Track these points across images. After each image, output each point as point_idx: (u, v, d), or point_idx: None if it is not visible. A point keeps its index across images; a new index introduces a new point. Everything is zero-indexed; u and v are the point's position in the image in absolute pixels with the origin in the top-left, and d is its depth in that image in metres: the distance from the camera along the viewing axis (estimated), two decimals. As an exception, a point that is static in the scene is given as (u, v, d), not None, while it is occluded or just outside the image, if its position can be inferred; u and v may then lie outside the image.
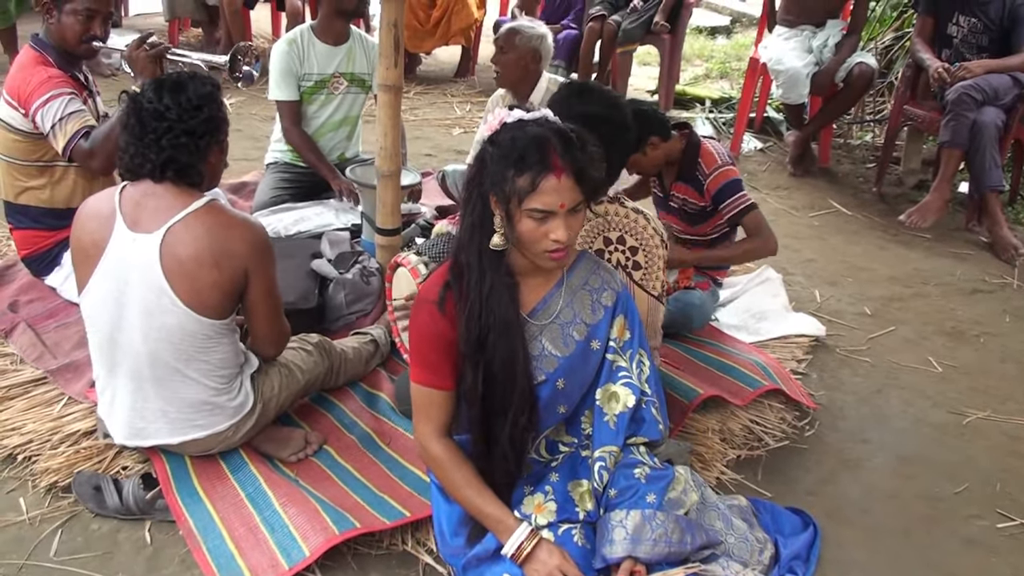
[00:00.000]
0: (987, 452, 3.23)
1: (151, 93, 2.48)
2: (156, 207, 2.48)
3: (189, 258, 2.44)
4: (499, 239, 2.13)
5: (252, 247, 2.52)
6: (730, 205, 3.41)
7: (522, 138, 2.09)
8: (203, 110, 2.50)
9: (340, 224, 4.00)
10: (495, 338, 2.15)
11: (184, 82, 2.51)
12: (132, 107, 2.49)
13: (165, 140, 2.45)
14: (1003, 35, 5.11)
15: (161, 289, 2.45)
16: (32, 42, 3.37)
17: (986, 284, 4.58)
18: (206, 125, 2.51)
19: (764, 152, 6.37)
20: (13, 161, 3.38)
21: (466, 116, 6.64)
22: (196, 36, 7.79)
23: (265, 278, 2.59)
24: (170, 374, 2.55)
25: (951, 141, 4.97)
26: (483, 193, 2.13)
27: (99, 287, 2.53)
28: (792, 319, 3.95)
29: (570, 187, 2.07)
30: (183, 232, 2.45)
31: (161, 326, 2.48)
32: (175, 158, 2.47)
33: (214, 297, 2.49)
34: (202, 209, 2.49)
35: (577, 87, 2.88)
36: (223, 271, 2.47)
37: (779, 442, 3.15)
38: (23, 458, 2.77)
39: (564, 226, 2.08)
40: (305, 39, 4.22)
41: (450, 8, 7.12)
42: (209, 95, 2.53)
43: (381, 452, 2.88)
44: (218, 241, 2.47)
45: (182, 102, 2.47)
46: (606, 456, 2.25)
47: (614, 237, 2.74)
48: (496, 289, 2.15)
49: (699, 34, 9.50)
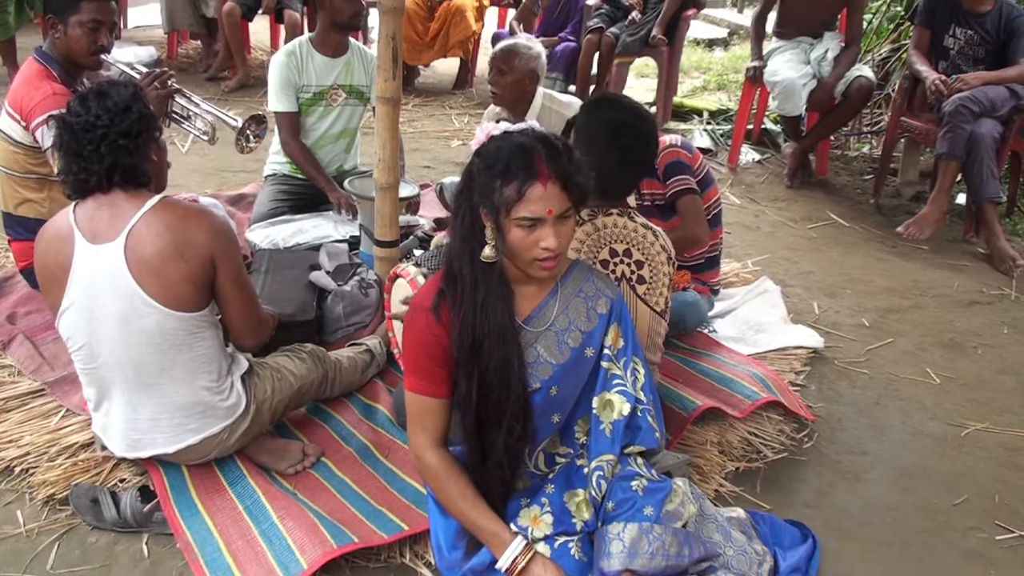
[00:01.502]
0: (985, 464, 3.23)
1: (78, 107, 2.50)
2: (112, 215, 2.48)
3: (154, 256, 2.45)
4: (490, 251, 2.14)
5: (213, 234, 2.52)
6: (673, 183, 3.44)
7: (507, 147, 2.10)
8: (132, 110, 2.51)
9: (338, 236, 4.01)
10: (489, 345, 2.15)
11: (106, 90, 2.52)
12: (62, 126, 2.50)
13: (104, 147, 2.46)
14: (999, 47, 5.14)
15: (133, 293, 2.45)
16: (36, 55, 3.38)
17: (984, 295, 4.58)
18: (139, 124, 2.52)
19: (762, 164, 6.38)
20: (12, 173, 3.38)
21: (464, 128, 6.65)
22: (195, 48, 7.80)
23: (231, 265, 2.58)
24: (157, 378, 2.54)
25: (948, 153, 4.98)
26: (472, 205, 2.14)
27: (72, 305, 2.52)
28: (790, 331, 3.95)
29: (557, 194, 2.08)
30: (144, 231, 2.46)
31: (140, 330, 2.48)
32: (118, 162, 2.48)
33: (186, 290, 2.49)
34: (158, 206, 2.50)
35: (610, 96, 2.92)
36: (190, 262, 2.47)
37: (778, 454, 3.14)
38: (20, 470, 2.76)
39: (553, 233, 2.08)
40: (304, 51, 4.23)
41: (448, 21, 7.14)
42: (133, 95, 2.55)
43: (379, 464, 2.87)
44: (178, 233, 2.47)
45: (110, 107, 2.48)
46: (604, 465, 2.25)
47: (620, 249, 2.75)
48: (490, 297, 2.16)
49: (697, 46, 9.53)
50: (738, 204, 5.56)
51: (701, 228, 3.46)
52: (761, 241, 5.03)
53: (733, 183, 5.93)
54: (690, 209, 3.43)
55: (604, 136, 2.78)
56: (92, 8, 3.30)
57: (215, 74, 7.05)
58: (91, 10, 3.30)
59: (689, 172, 3.45)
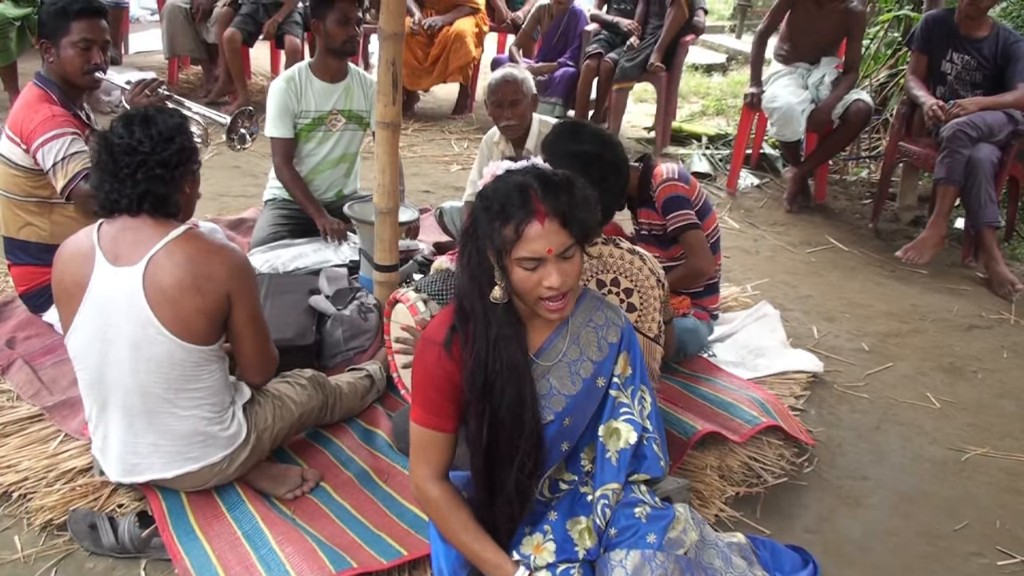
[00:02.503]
0: (986, 489, 3.22)
1: (121, 129, 2.50)
2: (135, 240, 2.49)
3: (172, 286, 2.45)
4: (499, 292, 2.13)
5: (232, 271, 2.53)
6: (673, 219, 3.44)
7: (503, 188, 2.09)
8: (175, 141, 2.52)
9: (338, 260, 4.01)
10: (502, 383, 2.14)
11: (152, 116, 2.53)
12: (103, 144, 2.51)
13: (140, 173, 2.47)
14: (997, 72, 5.16)
15: (147, 319, 2.45)
16: (36, 80, 3.40)
17: (983, 320, 4.58)
18: (179, 156, 2.53)
19: (761, 188, 6.40)
20: (13, 197, 3.39)
21: (464, 153, 6.67)
22: (196, 74, 7.83)
23: (248, 302, 2.59)
24: (161, 406, 2.54)
25: (947, 178, 4.99)
26: (479, 246, 2.13)
27: (84, 325, 2.53)
28: (790, 355, 3.95)
29: (556, 231, 2.06)
30: (165, 260, 2.46)
31: (150, 358, 2.48)
32: (151, 190, 2.49)
33: (199, 323, 2.49)
34: (182, 237, 2.51)
35: (569, 126, 2.89)
36: (206, 296, 2.48)
37: (778, 479, 3.14)
38: (18, 496, 2.75)
39: (556, 272, 2.06)
40: (303, 77, 4.25)
41: (448, 47, 7.17)
42: (179, 127, 2.56)
43: (378, 489, 2.86)
44: (199, 266, 2.48)
45: (153, 135, 2.49)
46: (609, 494, 2.24)
47: (608, 279, 2.74)
48: (503, 334, 2.14)
49: (695, 71, 9.56)
50: (737, 228, 5.57)
51: (706, 262, 3.50)
52: (760, 265, 5.04)
53: (732, 208, 5.94)
54: (695, 244, 3.46)
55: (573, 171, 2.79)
56: (82, 28, 3.33)
57: (215, 99, 7.08)
58: (81, 29, 3.33)
59: (688, 205, 3.46)
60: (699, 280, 3.60)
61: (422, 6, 7.38)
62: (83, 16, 3.33)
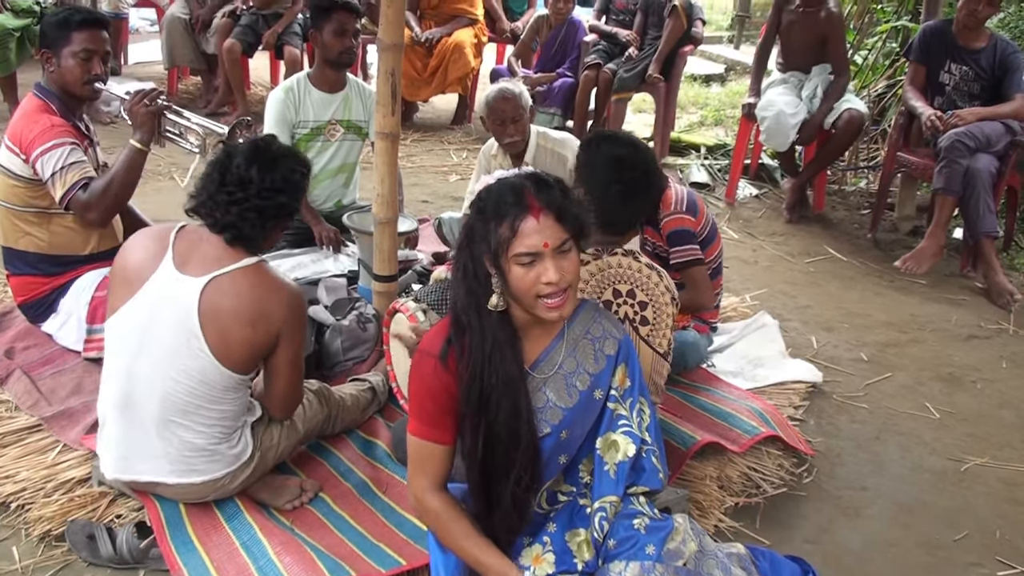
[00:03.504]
0: (986, 499, 3.21)
1: (243, 157, 2.51)
2: (207, 254, 2.52)
3: (227, 311, 2.47)
4: (497, 299, 2.13)
5: (290, 313, 2.55)
6: (677, 253, 3.44)
7: (496, 188, 2.11)
8: (281, 195, 2.53)
9: (337, 270, 4.01)
10: (498, 397, 2.13)
11: (279, 159, 2.55)
12: (223, 159, 2.52)
13: (235, 208, 2.49)
14: (994, 83, 5.17)
15: (192, 332, 2.47)
16: (35, 90, 3.41)
17: (982, 330, 4.58)
18: (278, 209, 2.56)
19: (759, 199, 6.40)
20: (12, 207, 3.39)
21: (463, 163, 6.68)
22: (195, 84, 7.84)
23: (294, 345, 2.62)
24: (178, 416, 2.54)
25: (945, 188, 5.00)
26: (473, 255, 2.13)
27: (130, 315, 2.54)
28: (789, 365, 3.95)
29: (551, 226, 2.07)
30: (227, 285, 2.48)
31: (183, 368, 2.49)
32: (237, 226, 2.51)
33: (242, 353, 2.51)
34: (251, 267, 2.53)
35: (605, 133, 2.93)
36: (257, 331, 2.50)
37: (777, 489, 3.13)
38: (16, 506, 2.75)
39: (554, 267, 2.06)
40: (301, 87, 4.26)
41: (447, 57, 7.18)
42: (294, 183, 2.57)
43: (377, 500, 2.86)
44: (259, 301, 2.49)
45: (266, 180, 2.50)
46: (606, 506, 2.23)
47: (624, 290, 2.75)
48: (498, 347, 2.14)
49: (694, 82, 9.58)
50: (736, 239, 5.57)
51: (706, 297, 3.51)
52: (759, 275, 5.04)
53: (731, 218, 5.94)
54: (697, 279, 3.47)
55: (606, 171, 2.79)
56: (83, 38, 3.34)
57: (215, 109, 7.09)
58: (82, 40, 3.33)
59: (693, 240, 3.44)
60: (696, 313, 3.61)
61: (421, 18, 7.39)
62: (85, 27, 3.34)
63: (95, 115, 6.11)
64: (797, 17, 5.81)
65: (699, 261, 3.46)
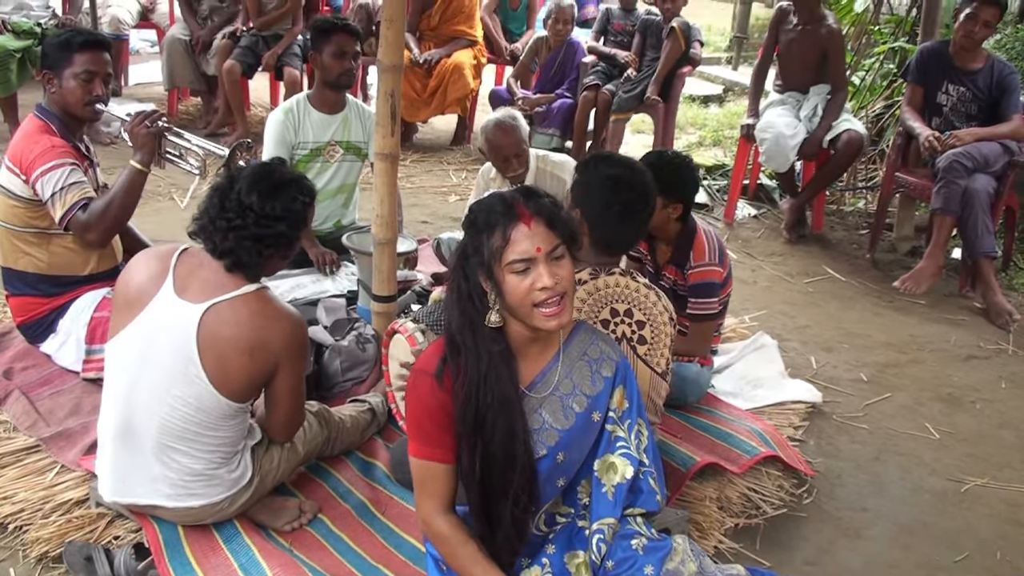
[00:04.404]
0: (986, 520, 3.21)
1: (246, 183, 2.49)
2: (207, 280, 2.51)
3: (226, 339, 2.45)
4: (495, 316, 2.14)
5: (290, 343, 2.53)
6: (697, 304, 3.49)
7: (486, 201, 2.16)
8: (281, 223, 2.51)
9: (336, 291, 4.01)
10: (493, 417, 2.13)
11: (280, 187, 2.52)
12: (225, 184, 2.51)
13: (233, 235, 2.47)
14: (992, 104, 5.19)
15: (190, 359, 2.46)
16: (36, 111, 3.42)
17: (981, 350, 4.58)
18: (276, 239, 2.53)
19: (758, 219, 6.41)
20: (12, 227, 3.39)
21: (462, 184, 6.69)
22: (195, 105, 7.86)
23: (293, 374, 2.61)
24: (176, 441, 2.53)
25: (943, 208, 5.01)
26: (467, 274, 2.15)
27: (130, 339, 2.54)
28: (788, 386, 3.95)
29: (543, 232, 2.09)
30: (227, 312, 2.47)
31: (180, 395, 2.48)
32: (235, 253, 2.49)
33: (240, 382, 2.50)
34: (251, 295, 2.51)
35: (600, 155, 2.95)
36: (255, 360, 2.48)
37: (777, 510, 3.13)
38: (14, 527, 2.74)
39: (548, 272, 2.08)
40: (301, 108, 4.28)
41: (446, 78, 7.20)
42: (295, 212, 2.55)
43: (376, 521, 2.85)
44: (258, 331, 2.48)
45: (266, 208, 2.48)
46: (604, 528, 2.22)
47: (622, 309, 2.75)
48: (494, 366, 2.14)
49: (692, 102, 9.61)
50: (735, 259, 5.56)
51: (704, 349, 3.61)
52: (758, 296, 5.04)
53: (730, 238, 5.95)
54: (704, 333, 3.55)
55: (602, 192, 2.80)
56: (85, 59, 3.35)
57: (215, 130, 7.10)
58: (84, 61, 3.34)
59: (716, 293, 3.49)
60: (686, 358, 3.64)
61: (420, 39, 7.42)
62: (87, 48, 3.35)
63: (95, 136, 6.13)
64: (796, 35, 5.83)
65: (713, 317, 3.53)
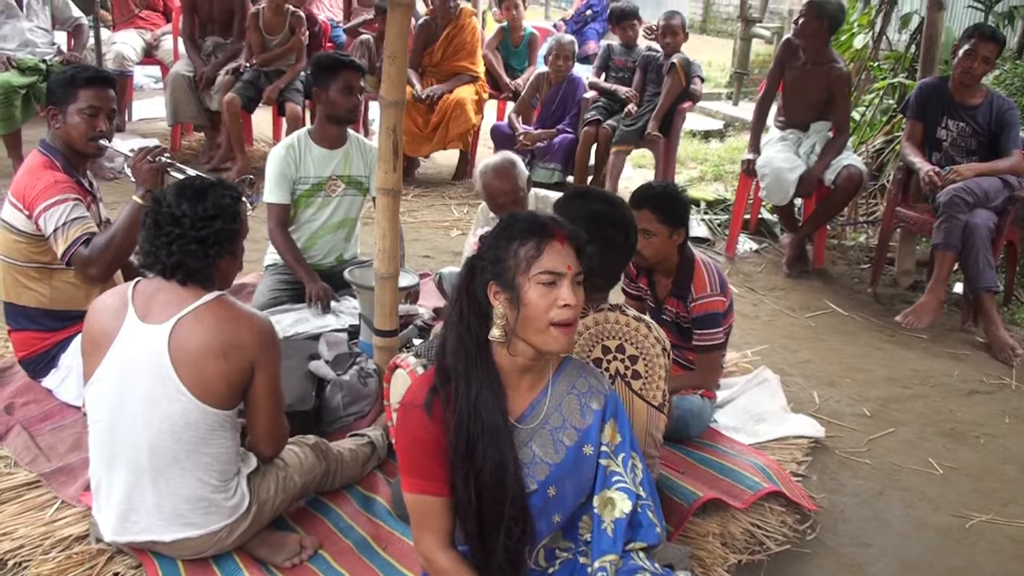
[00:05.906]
0: (991, 556, 3.18)
1: (172, 197, 2.55)
2: (167, 300, 2.55)
3: (197, 348, 2.49)
4: (498, 331, 2.14)
5: (260, 339, 2.57)
6: (702, 336, 3.52)
7: (524, 215, 2.19)
8: (216, 221, 2.56)
9: (338, 325, 4.01)
10: (484, 446, 2.13)
11: (205, 190, 2.58)
12: (153, 207, 2.57)
13: (176, 245, 2.52)
14: (991, 139, 5.22)
15: (167, 377, 2.48)
16: (40, 147, 3.45)
17: (984, 385, 4.57)
18: (217, 236, 2.57)
19: (759, 253, 6.42)
20: (14, 262, 3.41)
21: (464, 218, 6.71)
22: (198, 140, 7.90)
23: (270, 373, 2.62)
24: (169, 465, 2.53)
25: (944, 243, 5.02)
26: (473, 293, 2.16)
27: (104, 376, 2.56)
28: (791, 420, 3.94)
29: (572, 255, 2.14)
30: (192, 323, 2.51)
31: (164, 414, 2.49)
32: (184, 263, 2.54)
33: (219, 387, 2.52)
34: (213, 302, 2.55)
35: (578, 190, 2.95)
36: (230, 361, 2.51)
37: (781, 546, 3.11)
38: (14, 563, 2.72)
39: (572, 292, 2.11)
40: (302, 144, 4.30)
41: (448, 114, 7.24)
42: (226, 207, 2.59)
43: (377, 557, 2.83)
44: (226, 332, 2.52)
45: (198, 211, 2.53)
46: (607, 566, 2.21)
47: (613, 346, 2.74)
48: (483, 395, 2.15)
49: (693, 137, 9.65)
50: (736, 293, 5.57)
51: (715, 380, 3.65)
52: (760, 330, 5.04)
53: (731, 272, 5.95)
54: (714, 364, 3.60)
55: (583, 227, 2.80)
56: (89, 96, 3.38)
57: (218, 165, 7.13)
58: (88, 97, 3.38)
59: (720, 323, 3.53)
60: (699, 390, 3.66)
61: (423, 75, 7.48)
62: (91, 85, 3.38)
63: (99, 171, 6.15)
64: (802, 73, 5.86)
65: (720, 347, 3.55)
